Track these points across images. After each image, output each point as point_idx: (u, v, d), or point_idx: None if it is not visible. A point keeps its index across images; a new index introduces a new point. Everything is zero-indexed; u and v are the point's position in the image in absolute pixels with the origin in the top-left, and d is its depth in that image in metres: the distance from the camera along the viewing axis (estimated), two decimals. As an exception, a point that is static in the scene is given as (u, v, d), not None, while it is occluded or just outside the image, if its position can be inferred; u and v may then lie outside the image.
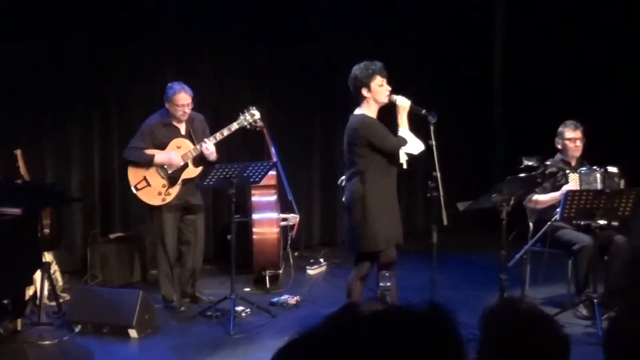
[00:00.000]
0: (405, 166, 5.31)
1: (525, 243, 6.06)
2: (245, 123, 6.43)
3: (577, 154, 6.38)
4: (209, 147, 6.24)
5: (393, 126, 5.34)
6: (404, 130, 5.29)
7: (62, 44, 7.42)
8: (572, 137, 6.36)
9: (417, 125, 5.41)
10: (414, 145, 5.28)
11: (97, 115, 7.69)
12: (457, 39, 9.18)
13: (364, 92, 5.27)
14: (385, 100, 5.31)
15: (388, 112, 5.42)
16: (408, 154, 5.27)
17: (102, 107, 7.71)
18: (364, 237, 5.26)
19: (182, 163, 6.28)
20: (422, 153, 5.33)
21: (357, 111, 5.35)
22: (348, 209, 5.34)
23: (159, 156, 6.28)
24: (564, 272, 6.27)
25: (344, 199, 5.43)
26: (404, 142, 5.24)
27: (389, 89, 5.32)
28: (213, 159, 6.30)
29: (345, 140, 5.38)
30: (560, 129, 6.43)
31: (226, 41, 8.23)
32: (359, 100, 5.33)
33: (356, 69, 5.31)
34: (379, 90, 5.27)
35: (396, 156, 5.26)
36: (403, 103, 5.30)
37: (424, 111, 5.33)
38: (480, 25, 9.37)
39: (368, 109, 5.31)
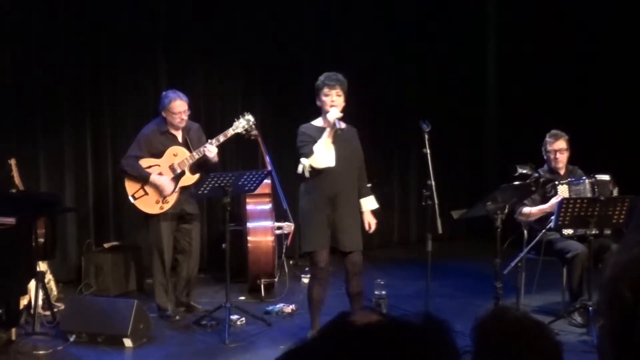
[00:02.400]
0: (307, 175, 5.42)
1: (519, 251, 6.06)
2: (241, 128, 6.43)
3: (560, 165, 6.31)
4: (212, 150, 6.24)
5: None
6: (320, 142, 5.35)
7: (54, 53, 7.42)
8: (551, 149, 6.30)
9: (412, 133, 5.41)
10: (319, 159, 5.36)
11: (90, 125, 7.67)
12: (451, 49, 9.20)
13: (317, 101, 5.46)
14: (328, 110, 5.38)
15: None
16: (312, 165, 5.37)
17: (95, 117, 7.70)
18: (300, 237, 5.63)
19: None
20: (327, 168, 5.36)
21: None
22: None
23: (154, 177, 6.26)
24: (559, 280, 6.26)
25: None
26: (310, 153, 5.36)
27: (335, 102, 5.36)
28: (215, 161, 6.32)
29: None
30: (545, 139, 6.38)
31: (217, 49, 8.22)
32: None
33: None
34: (323, 101, 5.41)
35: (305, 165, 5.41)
36: (330, 117, 5.36)
37: (339, 132, 5.39)
38: (473, 34, 9.40)
39: (322, 118, 5.48)
